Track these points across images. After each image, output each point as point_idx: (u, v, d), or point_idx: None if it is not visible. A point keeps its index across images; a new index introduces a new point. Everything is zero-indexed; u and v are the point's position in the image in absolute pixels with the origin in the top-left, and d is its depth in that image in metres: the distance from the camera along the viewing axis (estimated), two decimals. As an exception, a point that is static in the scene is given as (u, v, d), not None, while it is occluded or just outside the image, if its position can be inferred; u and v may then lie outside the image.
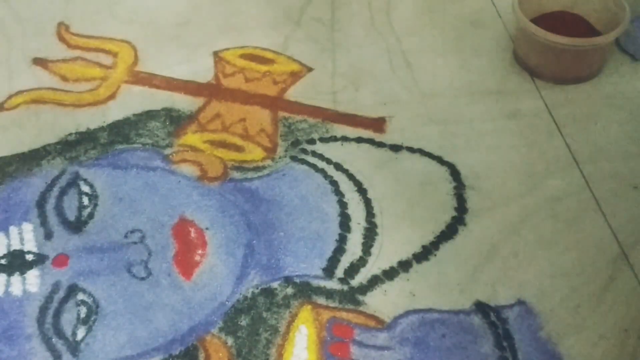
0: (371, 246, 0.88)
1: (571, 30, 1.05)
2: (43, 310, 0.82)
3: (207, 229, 0.89)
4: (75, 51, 1.11)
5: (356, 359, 0.78)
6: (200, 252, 0.87)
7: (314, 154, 0.97)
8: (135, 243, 0.87)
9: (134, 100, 1.04)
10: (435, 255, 0.87)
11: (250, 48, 1.12)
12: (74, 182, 0.93)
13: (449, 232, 0.89)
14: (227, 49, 1.11)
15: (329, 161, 0.96)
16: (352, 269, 0.85)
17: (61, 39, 1.13)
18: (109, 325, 0.81)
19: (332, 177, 0.94)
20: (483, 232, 0.89)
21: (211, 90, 1.06)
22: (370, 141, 0.99)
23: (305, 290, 0.84)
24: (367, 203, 0.92)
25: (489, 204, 0.92)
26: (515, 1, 1.04)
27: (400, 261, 0.86)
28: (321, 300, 0.83)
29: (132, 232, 0.88)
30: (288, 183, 0.94)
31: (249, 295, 0.83)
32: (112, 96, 1.05)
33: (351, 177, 0.94)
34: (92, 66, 1.09)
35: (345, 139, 0.99)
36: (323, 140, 0.99)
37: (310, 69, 1.09)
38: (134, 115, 1.02)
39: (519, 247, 0.87)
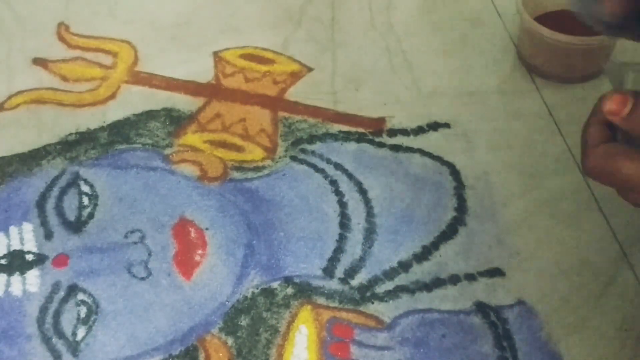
0: (371, 246, 0.88)
1: (572, 28, 1.05)
2: (43, 310, 0.82)
3: (207, 229, 0.89)
4: (75, 51, 1.11)
5: (356, 359, 0.78)
6: (200, 252, 0.87)
7: (314, 154, 0.97)
8: (135, 243, 0.87)
9: (134, 100, 1.04)
10: (435, 255, 0.87)
11: (250, 48, 1.12)
12: (74, 182, 0.93)
13: (449, 232, 0.89)
14: (227, 49, 1.11)
15: (329, 161, 0.96)
16: (352, 269, 0.85)
17: (61, 39, 1.13)
18: (109, 325, 0.81)
19: (332, 177, 0.94)
20: (483, 232, 0.89)
21: (211, 90, 1.05)
22: (371, 141, 0.99)
23: (305, 290, 0.84)
24: (367, 203, 0.92)
25: (489, 204, 0.92)
26: (519, 2, 1.04)
27: (400, 261, 0.86)
28: (321, 300, 0.83)
29: (132, 232, 0.88)
30: (288, 183, 0.94)
31: (249, 295, 0.83)
32: (112, 96, 1.05)
33: (351, 177, 0.94)
34: (92, 66, 1.09)
35: (345, 138, 0.99)
36: (323, 140, 0.99)
37: (310, 69, 1.08)
38: (134, 115, 1.02)
39: (519, 247, 0.87)
